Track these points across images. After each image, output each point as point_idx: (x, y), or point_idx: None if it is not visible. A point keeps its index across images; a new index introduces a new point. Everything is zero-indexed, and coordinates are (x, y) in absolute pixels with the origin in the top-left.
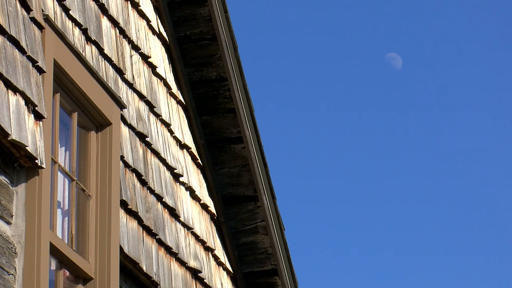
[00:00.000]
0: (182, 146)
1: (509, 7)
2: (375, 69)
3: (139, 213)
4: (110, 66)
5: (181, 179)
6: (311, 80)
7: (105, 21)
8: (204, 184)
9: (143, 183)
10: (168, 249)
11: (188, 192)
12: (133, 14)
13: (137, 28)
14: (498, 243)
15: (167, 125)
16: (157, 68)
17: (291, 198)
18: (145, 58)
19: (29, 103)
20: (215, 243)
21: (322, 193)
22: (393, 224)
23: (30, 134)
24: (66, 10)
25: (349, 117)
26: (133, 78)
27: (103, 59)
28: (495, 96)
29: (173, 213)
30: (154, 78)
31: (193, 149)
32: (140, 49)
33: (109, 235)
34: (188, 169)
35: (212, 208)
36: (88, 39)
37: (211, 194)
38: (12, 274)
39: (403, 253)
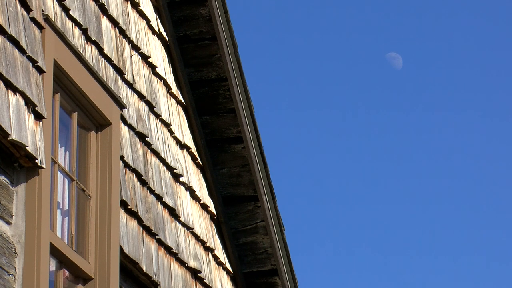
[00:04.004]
0: (182, 146)
1: (509, 7)
2: (375, 69)
3: (139, 213)
4: (110, 66)
5: (181, 179)
6: (311, 80)
7: (105, 21)
8: (204, 184)
9: (143, 183)
10: (168, 249)
11: (188, 192)
12: (133, 14)
13: (137, 28)
14: (496, 243)
15: (167, 125)
16: (157, 68)
17: (291, 198)
18: (145, 58)
19: (29, 103)
20: (215, 243)
21: (322, 193)
22: (393, 224)
23: (30, 134)
24: (66, 10)
25: (349, 117)
26: (133, 78)
27: (103, 59)
28: (495, 95)
29: (173, 213)
30: (154, 78)
31: (193, 149)
32: (140, 49)
33: (109, 235)
34: (188, 169)
35: (212, 208)
36: (88, 39)
37: (211, 194)
38: (12, 274)
39: (403, 253)
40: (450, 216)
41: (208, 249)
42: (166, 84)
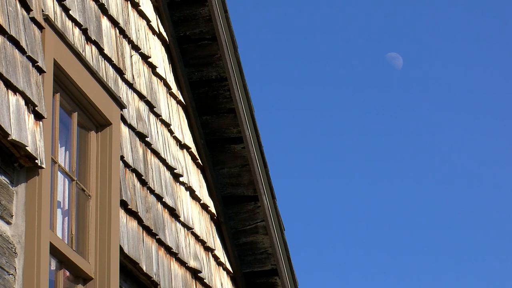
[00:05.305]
0: (182, 146)
1: (509, 7)
2: (376, 69)
3: (139, 213)
4: (110, 66)
5: (181, 179)
6: (311, 80)
7: (105, 21)
8: (204, 184)
9: (143, 183)
10: (168, 249)
11: (188, 192)
12: (133, 14)
13: (137, 28)
14: (496, 243)
15: (167, 125)
16: (157, 68)
17: (291, 198)
18: (145, 58)
19: (29, 103)
20: (215, 243)
21: (322, 193)
22: (393, 224)
23: (30, 134)
24: (66, 10)
25: (350, 117)
26: (133, 78)
27: (103, 59)
28: (495, 95)
29: (173, 213)
30: (154, 78)
31: (193, 149)
32: (140, 49)
33: (109, 235)
34: (188, 169)
35: (212, 208)
36: (88, 39)
37: (211, 194)
38: (12, 274)
39: (403, 253)
40: (451, 216)
41: (208, 249)
42: (166, 84)
